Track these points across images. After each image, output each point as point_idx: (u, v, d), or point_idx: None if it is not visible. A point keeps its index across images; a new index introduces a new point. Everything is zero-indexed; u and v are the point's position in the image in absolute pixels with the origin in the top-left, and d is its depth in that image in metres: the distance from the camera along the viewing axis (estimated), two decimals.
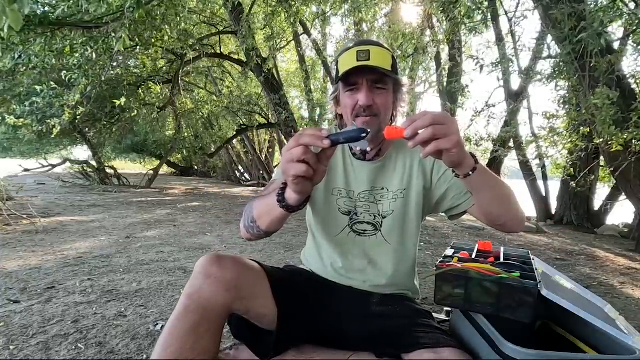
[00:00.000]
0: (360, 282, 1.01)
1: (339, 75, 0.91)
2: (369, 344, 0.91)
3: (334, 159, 1.01)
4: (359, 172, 1.01)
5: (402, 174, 0.99)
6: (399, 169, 1.00)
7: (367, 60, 0.87)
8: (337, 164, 1.02)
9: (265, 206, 0.82)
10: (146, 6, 3.87)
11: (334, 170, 1.01)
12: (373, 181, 1.00)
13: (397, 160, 1.00)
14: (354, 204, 1.00)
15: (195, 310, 0.76)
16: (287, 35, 7.14)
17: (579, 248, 3.68)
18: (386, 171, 1.00)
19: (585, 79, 3.06)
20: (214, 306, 0.78)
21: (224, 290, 0.79)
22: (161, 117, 9.61)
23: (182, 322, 0.75)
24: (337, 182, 1.01)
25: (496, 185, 0.81)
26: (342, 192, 1.01)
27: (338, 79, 0.93)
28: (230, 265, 0.83)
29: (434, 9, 5.00)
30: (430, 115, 0.62)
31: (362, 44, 0.90)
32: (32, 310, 1.53)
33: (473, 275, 0.90)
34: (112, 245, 2.81)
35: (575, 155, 4.43)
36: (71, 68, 4.35)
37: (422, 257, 2.77)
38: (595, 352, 0.87)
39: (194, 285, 0.79)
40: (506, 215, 0.85)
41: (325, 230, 1.03)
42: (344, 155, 1.03)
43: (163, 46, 5.32)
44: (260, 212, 0.83)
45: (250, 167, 14.02)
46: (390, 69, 0.90)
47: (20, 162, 11.00)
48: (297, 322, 0.90)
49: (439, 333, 0.85)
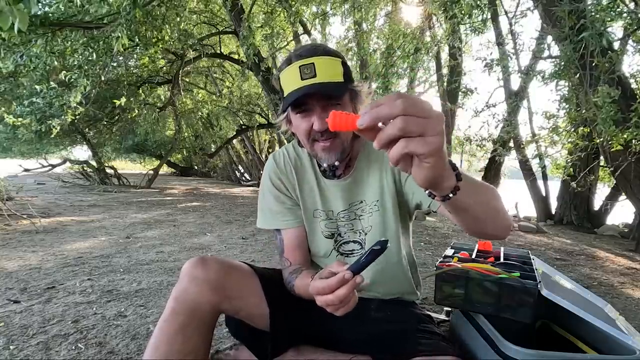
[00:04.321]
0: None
1: (284, 96, 0.81)
2: (367, 347, 0.90)
3: (308, 179, 0.97)
4: (332, 192, 0.96)
5: (375, 184, 0.92)
6: (372, 180, 0.93)
7: (314, 77, 0.76)
8: (310, 184, 0.97)
9: (305, 293, 0.83)
10: (145, 7, 3.87)
11: (311, 191, 0.97)
12: (349, 198, 0.95)
13: (368, 170, 0.93)
14: (335, 224, 0.96)
15: (181, 311, 0.77)
16: (287, 35, 7.14)
17: (579, 248, 3.68)
18: (359, 185, 0.94)
19: (586, 78, 3.06)
20: (200, 307, 0.79)
21: (209, 291, 0.80)
22: (161, 117, 9.61)
23: (169, 324, 0.76)
24: (316, 204, 0.97)
25: (481, 200, 0.61)
26: (322, 214, 0.96)
27: (284, 101, 0.81)
28: (214, 266, 0.83)
29: (434, 9, 5.00)
30: (401, 100, 0.39)
31: (304, 56, 0.77)
32: (32, 310, 1.53)
33: (473, 275, 0.90)
34: (112, 245, 2.81)
35: (575, 155, 4.43)
36: (71, 68, 4.35)
37: (422, 257, 2.77)
38: (595, 352, 0.87)
39: (179, 288, 0.80)
40: (490, 228, 0.66)
41: (314, 252, 1.00)
42: (316, 175, 0.97)
43: (163, 46, 5.32)
44: (302, 294, 0.85)
45: (250, 167, 14.00)
46: (342, 79, 0.79)
47: (20, 162, 10.98)
48: (290, 322, 0.89)
49: (438, 339, 0.83)
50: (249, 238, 3.29)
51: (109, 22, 3.88)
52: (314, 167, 0.97)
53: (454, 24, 4.59)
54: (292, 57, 0.80)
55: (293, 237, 0.96)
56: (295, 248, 0.95)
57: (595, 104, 2.81)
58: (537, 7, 3.51)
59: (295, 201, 0.97)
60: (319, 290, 0.63)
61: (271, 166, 0.98)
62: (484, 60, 4.05)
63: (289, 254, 0.95)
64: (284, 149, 1.00)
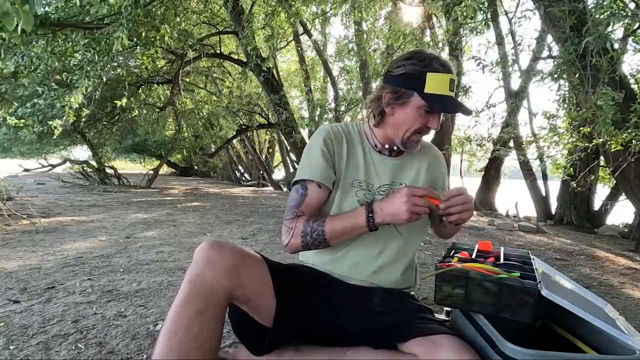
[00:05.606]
0: (367, 274, 1.01)
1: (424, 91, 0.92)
2: (366, 338, 0.91)
3: (355, 152, 1.07)
4: (381, 166, 1.06)
5: (416, 172, 1.08)
6: (415, 167, 1.09)
7: (453, 92, 0.93)
8: (357, 157, 1.06)
9: (342, 229, 0.95)
10: (146, 7, 3.87)
11: (355, 163, 1.05)
12: (394, 176, 1.06)
13: (414, 159, 1.09)
14: (372, 196, 1.03)
15: (198, 295, 0.77)
16: (287, 35, 7.14)
17: (579, 248, 3.68)
18: (405, 168, 1.08)
19: (587, 78, 3.06)
20: (216, 291, 0.78)
21: (224, 276, 0.79)
22: (161, 117, 9.61)
23: (186, 308, 0.75)
24: (358, 175, 1.04)
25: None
26: (362, 184, 1.04)
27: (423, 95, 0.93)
28: (230, 250, 0.83)
29: (434, 9, 5.00)
30: (462, 197, 0.86)
31: (451, 72, 0.94)
32: (32, 310, 1.53)
33: (473, 275, 0.90)
34: (112, 245, 2.82)
35: (575, 155, 4.43)
36: (72, 69, 4.35)
37: (422, 257, 2.77)
38: (595, 352, 0.87)
39: (195, 271, 0.79)
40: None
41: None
42: (364, 149, 1.07)
43: (163, 46, 5.32)
44: (337, 234, 0.96)
45: (250, 167, 14.02)
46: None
47: (20, 162, 10.99)
48: (294, 317, 0.90)
49: (435, 324, 0.86)
50: (249, 238, 3.30)
51: (110, 22, 3.88)
52: (362, 144, 1.08)
53: (455, 26, 4.59)
54: (439, 65, 0.93)
55: (316, 194, 1.02)
56: (313, 205, 1.02)
57: (596, 104, 2.81)
58: (538, 8, 3.51)
59: (334, 168, 1.04)
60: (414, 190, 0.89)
61: (326, 130, 1.07)
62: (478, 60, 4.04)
63: (306, 208, 1.01)
64: (336, 124, 1.12)
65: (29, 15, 1.45)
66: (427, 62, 0.93)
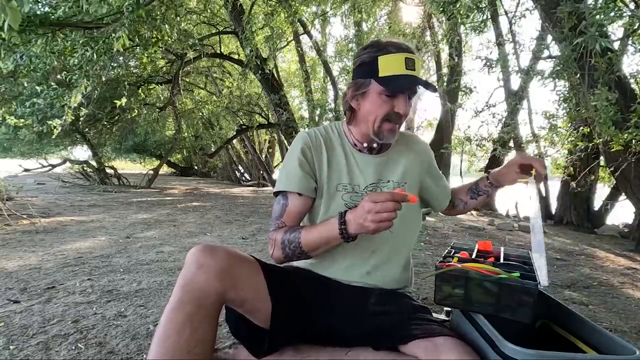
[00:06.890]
0: (361, 274, 1.00)
1: (379, 76, 0.90)
2: (365, 339, 0.91)
3: (336, 156, 1.04)
4: (364, 166, 1.03)
5: (404, 167, 1.05)
6: (402, 162, 1.06)
7: (413, 71, 0.89)
8: (339, 160, 1.03)
9: (318, 240, 0.91)
10: (146, 6, 3.87)
11: (337, 167, 1.03)
12: (379, 174, 1.03)
13: (399, 154, 1.07)
14: (359, 198, 1.00)
15: (189, 301, 0.77)
16: (287, 35, 7.14)
17: (579, 248, 3.68)
18: (391, 165, 1.05)
19: (585, 79, 3.06)
20: (207, 295, 0.78)
21: (216, 279, 0.79)
22: (161, 117, 9.61)
23: (177, 313, 0.76)
24: (342, 178, 1.02)
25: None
26: (348, 187, 1.02)
27: (379, 80, 0.91)
28: (221, 254, 0.83)
29: (433, 9, 5.00)
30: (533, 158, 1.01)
31: (408, 51, 0.90)
32: (32, 310, 1.53)
33: (473, 275, 0.90)
34: (112, 245, 2.81)
35: (575, 155, 4.43)
36: (72, 68, 4.35)
37: (422, 257, 2.77)
38: (595, 352, 0.87)
39: (186, 276, 0.79)
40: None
41: None
42: (345, 150, 1.05)
43: (163, 46, 5.32)
44: (313, 246, 0.92)
45: (250, 167, 14.00)
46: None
47: (20, 162, 10.97)
48: (291, 318, 0.89)
49: (434, 325, 0.86)
50: (249, 238, 3.29)
51: (110, 22, 3.87)
52: (343, 145, 1.05)
53: (453, 24, 4.59)
54: (392, 47, 0.90)
55: (297, 203, 1.00)
56: (294, 215, 1.00)
57: (591, 105, 2.81)
58: (537, 8, 3.51)
59: (314, 176, 1.02)
60: (375, 197, 0.79)
61: (304, 137, 1.05)
62: (483, 59, 4.04)
63: (287, 218, 1.00)
64: (314, 129, 1.10)
65: (16, 11, 1.43)
66: (380, 47, 0.92)
